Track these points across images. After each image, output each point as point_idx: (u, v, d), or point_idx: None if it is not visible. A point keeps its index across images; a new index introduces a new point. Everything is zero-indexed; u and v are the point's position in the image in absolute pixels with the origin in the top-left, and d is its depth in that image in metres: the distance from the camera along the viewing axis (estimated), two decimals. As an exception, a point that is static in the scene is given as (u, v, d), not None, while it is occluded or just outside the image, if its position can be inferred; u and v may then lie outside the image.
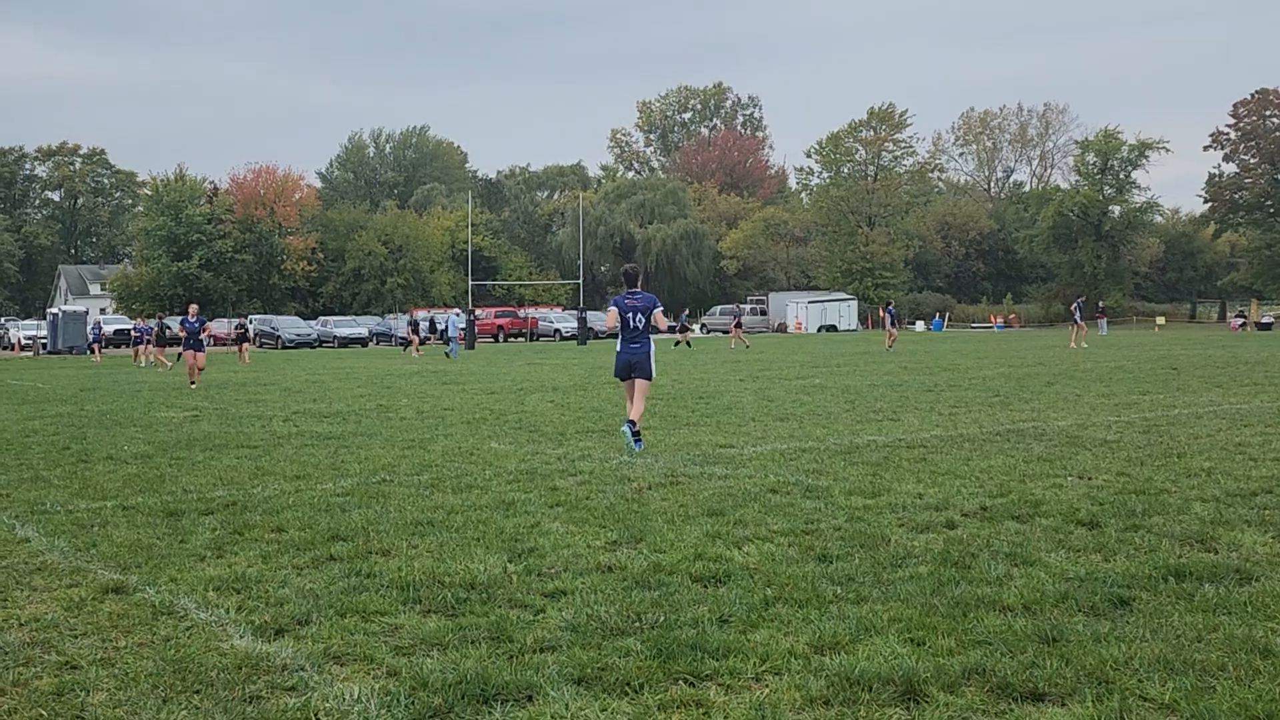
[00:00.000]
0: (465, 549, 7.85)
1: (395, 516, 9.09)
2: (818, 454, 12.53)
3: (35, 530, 8.79)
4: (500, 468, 11.91)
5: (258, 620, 6.13)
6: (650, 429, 15.39)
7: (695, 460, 12.23)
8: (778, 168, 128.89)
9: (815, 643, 5.61)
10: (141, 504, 9.94)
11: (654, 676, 5.19)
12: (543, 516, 9.06)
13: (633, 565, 7.26)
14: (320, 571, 7.27)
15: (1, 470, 12.42)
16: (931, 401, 19.06)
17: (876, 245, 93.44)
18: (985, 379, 24.73)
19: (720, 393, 21.96)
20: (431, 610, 6.35)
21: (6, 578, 7.24)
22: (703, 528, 8.43)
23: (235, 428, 16.71)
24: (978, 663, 5.24)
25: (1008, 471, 10.93)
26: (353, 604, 6.42)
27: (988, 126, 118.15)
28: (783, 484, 10.41)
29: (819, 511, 9.00)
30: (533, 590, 6.71)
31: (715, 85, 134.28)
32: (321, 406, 20.47)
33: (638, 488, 10.35)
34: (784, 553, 7.55)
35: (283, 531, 8.57)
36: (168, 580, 7.07)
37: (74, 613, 6.39)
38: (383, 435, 15.30)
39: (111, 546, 8.11)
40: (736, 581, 6.80)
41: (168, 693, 5.07)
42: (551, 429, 15.76)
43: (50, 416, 19.38)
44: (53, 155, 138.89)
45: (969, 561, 7.17)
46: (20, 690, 5.14)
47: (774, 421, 16.22)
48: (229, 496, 10.26)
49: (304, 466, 12.25)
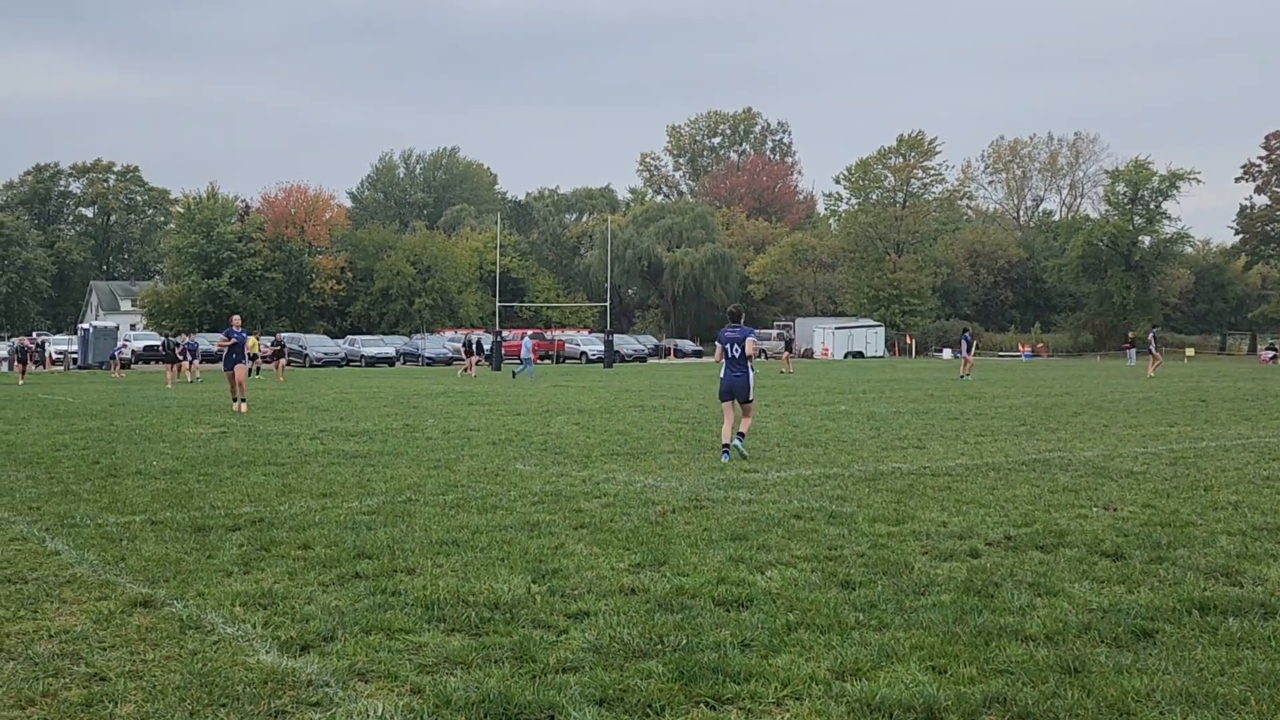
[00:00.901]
0: (489, 569, 7.90)
1: (420, 535, 9.15)
2: (842, 480, 12.53)
3: (65, 543, 8.89)
4: (525, 489, 11.96)
5: (283, 636, 6.20)
6: (675, 453, 15.43)
7: (719, 485, 12.25)
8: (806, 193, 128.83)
9: (837, 668, 5.63)
10: (170, 519, 10.04)
11: (675, 699, 5.22)
12: (567, 538, 9.10)
13: (656, 588, 7.29)
14: (346, 589, 7.33)
15: (32, 484, 12.57)
16: (957, 430, 19.02)
17: (904, 272, 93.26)
18: (1012, 408, 24.65)
19: (745, 417, 21.95)
20: (455, 629, 6.39)
21: (37, 590, 7.34)
22: (726, 552, 8.45)
23: (263, 445, 16.83)
24: (999, 691, 5.25)
25: (1033, 501, 10.91)
26: (377, 621, 6.48)
27: (1018, 155, 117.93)
28: (806, 509, 10.42)
29: (842, 538, 9.01)
30: (556, 611, 6.75)
31: (745, 110, 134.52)
32: (348, 425, 20.59)
33: (661, 511, 10.38)
34: (807, 578, 7.56)
35: (309, 549, 8.64)
36: (195, 595, 7.15)
37: (103, 625, 6.46)
38: (409, 455, 15.38)
39: (140, 560, 8.20)
40: (759, 606, 6.82)
41: (194, 706, 5.14)
42: (577, 451, 15.81)
43: (80, 431, 19.56)
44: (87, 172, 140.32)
45: (992, 590, 7.17)
46: (50, 701, 5.22)
47: (799, 447, 16.23)
48: (256, 513, 10.35)
49: (330, 484, 12.34)
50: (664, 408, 25.21)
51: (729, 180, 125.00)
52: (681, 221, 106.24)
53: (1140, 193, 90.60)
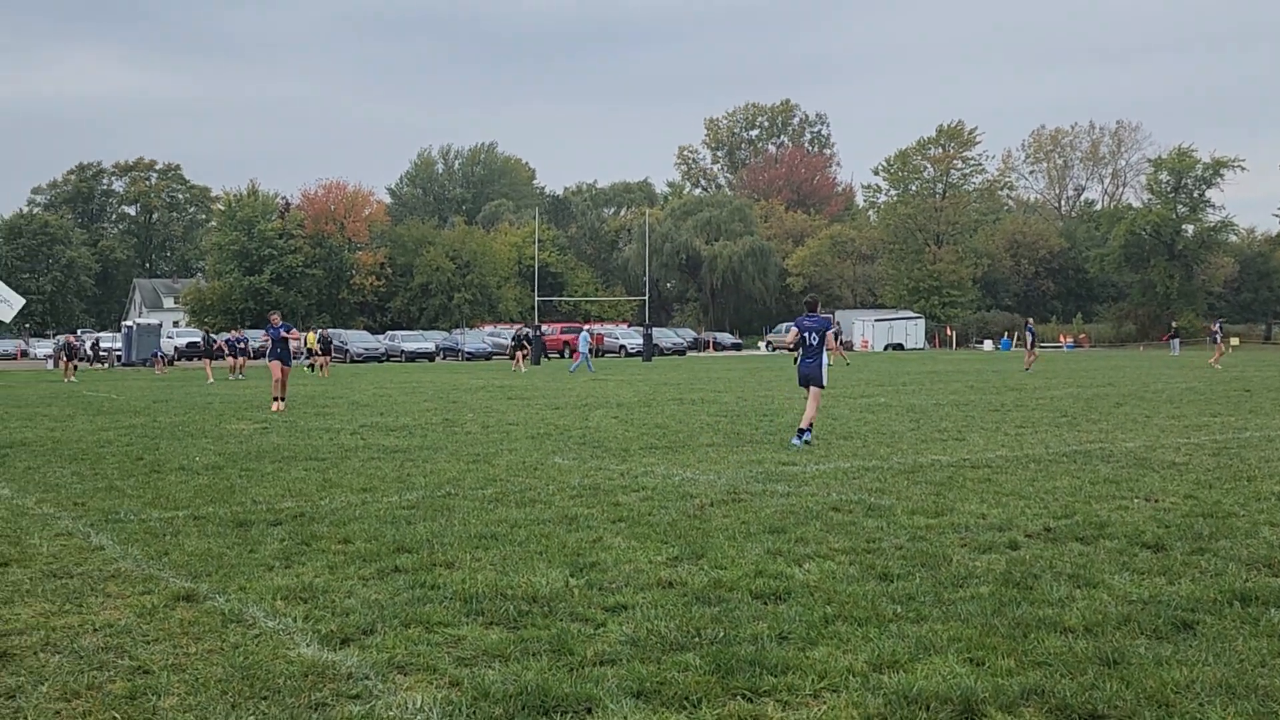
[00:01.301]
0: (528, 562, 7.94)
1: (459, 529, 9.21)
2: (881, 473, 12.50)
3: (110, 538, 9.02)
4: (564, 483, 12.01)
5: (324, 629, 6.26)
6: (714, 446, 15.44)
7: (758, 478, 12.25)
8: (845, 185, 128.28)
9: (874, 661, 5.63)
10: (212, 514, 10.16)
11: (712, 691, 5.23)
12: (605, 531, 9.13)
13: (693, 581, 7.30)
14: (385, 582, 7.39)
15: (77, 479, 12.74)
16: (997, 421, 18.91)
17: (944, 263, 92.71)
18: (1053, 399, 24.47)
19: (784, 410, 21.93)
20: (494, 622, 6.44)
21: (82, 584, 7.44)
22: (764, 545, 8.45)
23: (304, 440, 16.97)
24: (1037, 683, 5.23)
25: (1073, 493, 10.84)
26: (417, 615, 6.53)
27: (1059, 144, 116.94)
28: (845, 502, 10.41)
29: (881, 530, 9.00)
30: (594, 604, 6.78)
31: (783, 102, 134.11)
32: (388, 420, 20.73)
33: (699, 504, 10.40)
34: (844, 571, 7.56)
35: (349, 543, 8.72)
36: (237, 589, 7.23)
37: (146, 619, 6.55)
38: (448, 449, 15.47)
39: (183, 555, 8.31)
40: (796, 599, 6.82)
41: (236, 698, 5.20)
42: (615, 445, 15.84)
43: (124, 428, 19.80)
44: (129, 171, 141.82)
45: (1031, 582, 7.13)
46: (94, 694, 5.30)
47: (837, 440, 16.19)
48: (297, 508, 10.44)
49: (371, 479, 12.43)
50: (703, 401, 25.21)
51: (767, 173, 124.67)
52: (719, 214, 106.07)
53: (1183, 181, 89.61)
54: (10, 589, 7.31)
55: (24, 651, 5.95)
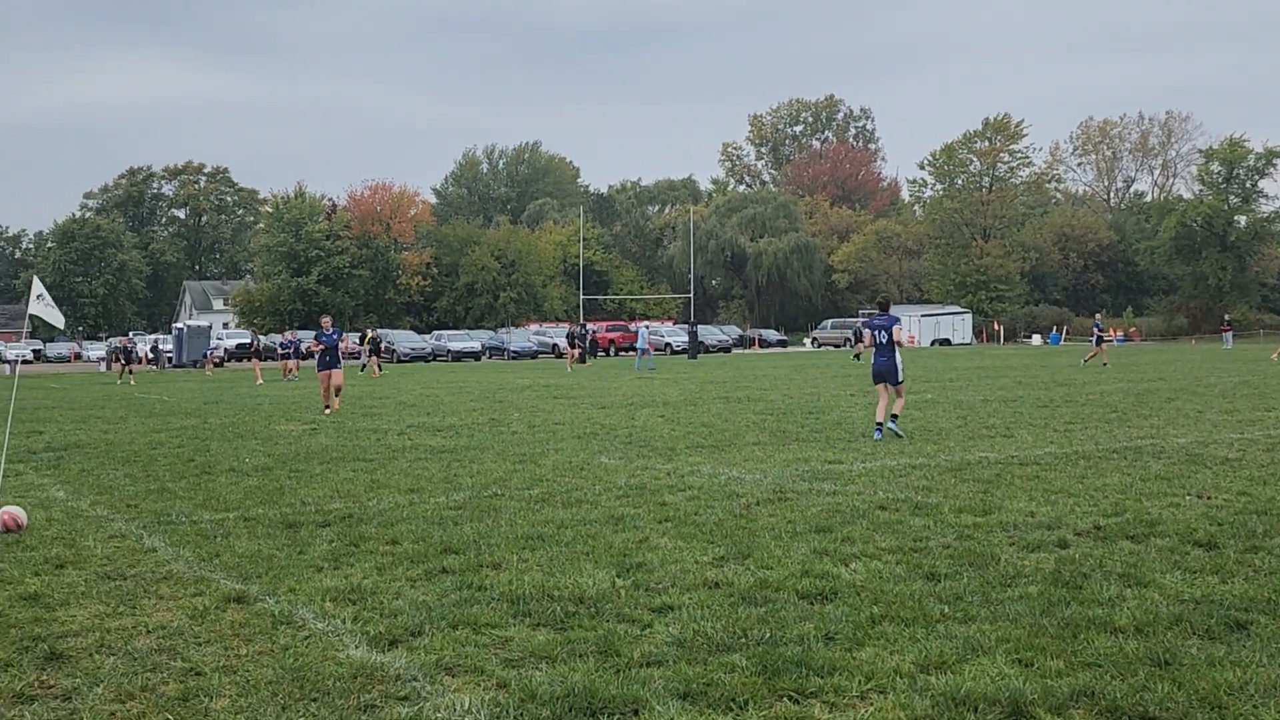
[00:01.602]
0: (574, 563, 7.96)
1: (506, 530, 9.25)
2: (928, 470, 12.43)
3: (162, 540, 9.13)
4: (610, 482, 12.03)
5: (372, 631, 6.31)
6: (760, 444, 15.42)
7: (804, 476, 12.22)
8: (890, 180, 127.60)
9: (921, 662, 5.60)
10: (262, 515, 10.26)
11: (759, 693, 5.23)
12: (651, 531, 9.14)
13: (739, 581, 7.30)
14: (433, 584, 7.44)
15: (130, 481, 12.91)
16: (1046, 417, 18.74)
17: (991, 258, 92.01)
18: (1103, 394, 24.23)
19: (830, 408, 21.87)
20: (541, 623, 6.46)
21: (135, 586, 7.55)
22: (810, 544, 8.43)
23: (351, 441, 17.11)
24: (1087, 685, 5.19)
25: (1123, 490, 10.73)
26: (464, 616, 6.57)
27: (1107, 136, 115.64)
28: (892, 501, 10.36)
29: (928, 529, 8.95)
30: (640, 605, 6.80)
31: (827, 98, 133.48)
32: (435, 420, 20.85)
33: (746, 503, 10.39)
34: (891, 570, 7.53)
35: (397, 544, 8.78)
36: (287, 590, 7.30)
37: (198, 621, 6.63)
38: (495, 449, 15.54)
39: (233, 557, 8.40)
40: (843, 599, 6.80)
41: (286, 700, 5.26)
42: (661, 444, 15.85)
43: (175, 429, 20.04)
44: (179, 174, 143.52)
45: (1080, 582, 7.07)
46: (148, 695, 5.37)
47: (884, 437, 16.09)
48: (345, 509, 10.53)
49: (418, 480, 12.51)
50: (748, 399, 25.17)
51: (812, 168, 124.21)
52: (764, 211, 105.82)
53: (1235, 171, 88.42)
54: (66, 591, 7.42)
55: (80, 653, 6.05)
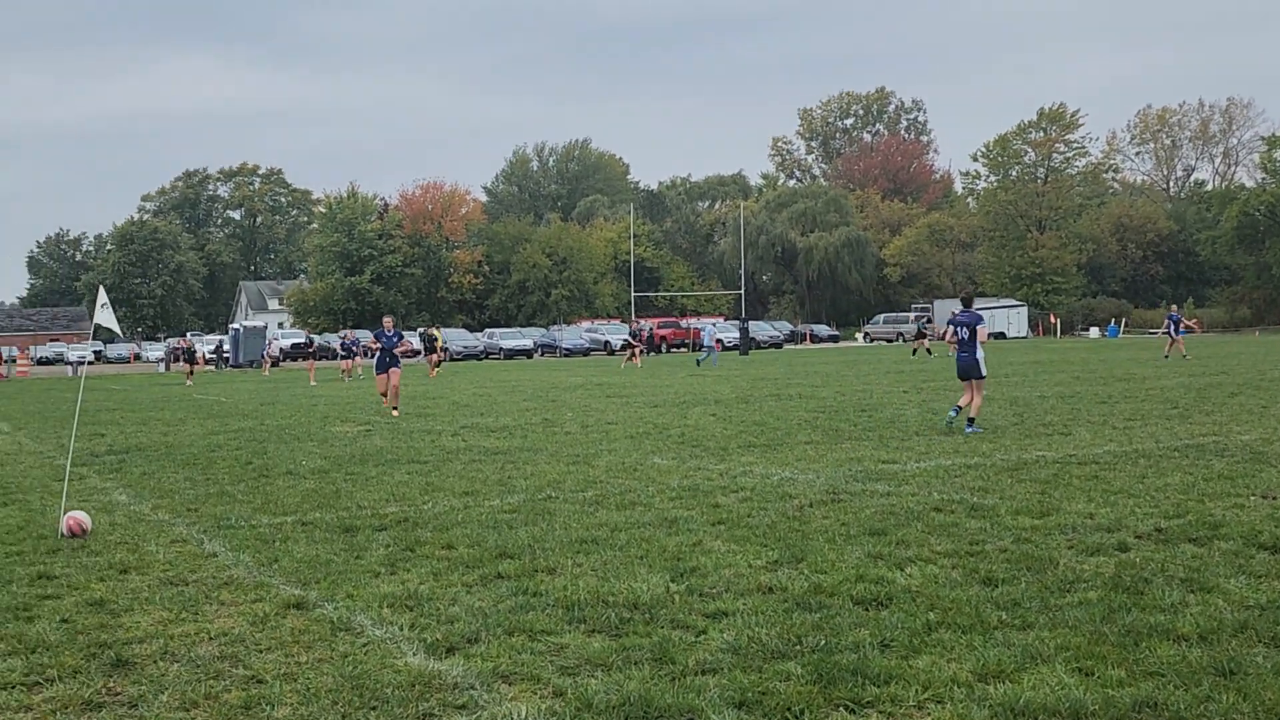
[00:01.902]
0: (629, 568, 7.99)
1: (560, 534, 9.29)
2: (983, 470, 12.34)
3: (222, 545, 9.26)
4: (663, 484, 12.04)
5: (430, 638, 6.36)
6: (812, 444, 15.37)
7: (857, 477, 12.17)
8: (942, 172, 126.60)
9: (979, 670, 5.57)
10: (319, 520, 10.37)
11: (815, 702, 5.22)
12: (704, 534, 9.15)
13: (794, 586, 7.29)
14: (488, 589, 7.49)
15: (190, 485, 13.09)
16: (1105, 414, 18.53)
17: (1047, 250, 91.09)
18: (1163, 389, 23.91)
19: (883, 405, 21.76)
20: (596, 630, 6.49)
21: (197, 592, 7.66)
22: (864, 548, 8.40)
23: (406, 442, 17.24)
24: (1149, 695, 5.14)
25: (1185, 490, 10.60)
26: (520, 623, 6.61)
27: (1166, 124, 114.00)
28: (947, 502, 10.30)
29: (984, 532, 8.88)
30: (694, 611, 6.80)
31: (877, 90, 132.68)
32: (489, 421, 20.96)
33: (799, 505, 10.37)
34: (947, 575, 7.48)
35: (452, 548, 8.85)
36: (345, 596, 7.38)
37: (259, 627, 6.72)
38: (548, 450, 15.60)
39: (292, 562, 8.50)
40: (899, 605, 6.77)
41: (346, 709, 5.32)
42: (714, 444, 15.84)
43: (233, 431, 20.29)
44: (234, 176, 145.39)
45: (1142, 587, 7.00)
46: (212, 703, 5.45)
47: (939, 436, 16.01)
48: (401, 513, 10.62)
49: (472, 482, 12.60)
50: (800, 396, 25.09)
51: (862, 162, 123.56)
52: (815, 205, 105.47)
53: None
54: (130, 596, 7.54)
55: (145, 660, 6.15)
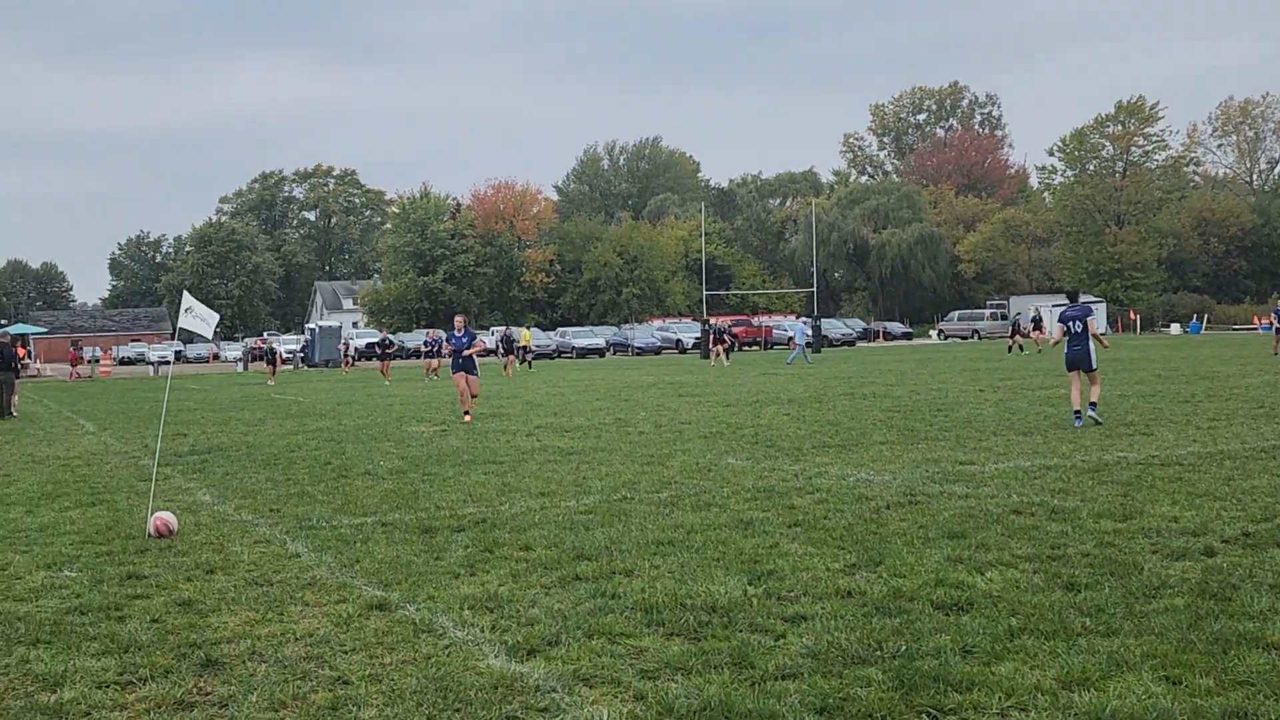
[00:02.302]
0: (706, 570, 8.01)
1: (637, 535, 9.34)
2: (1064, 472, 12.20)
3: (304, 546, 9.41)
4: (738, 485, 12.05)
5: (510, 640, 6.43)
6: (888, 444, 15.29)
7: (934, 478, 12.08)
8: (1017, 167, 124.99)
9: (1063, 678, 5.52)
10: (398, 520, 10.51)
11: (896, 709, 5.21)
12: (781, 537, 9.14)
13: (872, 590, 7.27)
14: (567, 591, 7.55)
15: (271, 485, 13.32)
16: (1188, 413, 18.21)
17: (1125, 245, 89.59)
18: (1248, 388, 23.44)
19: (959, 404, 21.56)
20: (674, 633, 6.52)
21: (281, 592, 7.80)
22: (943, 551, 8.35)
23: (481, 443, 17.38)
24: (1239, 705, 5.06)
25: (1273, 493, 10.40)
26: (599, 625, 6.66)
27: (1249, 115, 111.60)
28: (1027, 504, 10.19)
29: (1066, 535, 8.79)
30: (773, 614, 6.81)
31: (951, 85, 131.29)
32: (563, 421, 21.07)
33: (875, 507, 10.32)
34: (1029, 580, 7.42)
35: (530, 550, 8.93)
36: (426, 598, 7.47)
37: (343, 628, 6.83)
38: (622, 450, 15.66)
39: (373, 563, 8.62)
40: (979, 610, 6.73)
41: (431, 711, 5.39)
42: (788, 443, 15.81)
43: (312, 431, 20.58)
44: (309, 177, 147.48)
45: (1229, 593, 6.89)
46: (300, 704, 5.55)
47: (1017, 436, 15.84)
48: (479, 514, 10.73)
49: (548, 483, 12.69)
50: (874, 395, 24.94)
51: (935, 157, 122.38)
52: (887, 202, 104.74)
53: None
54: (217, 597, 7.70)
55: (233, 660, 6.28)
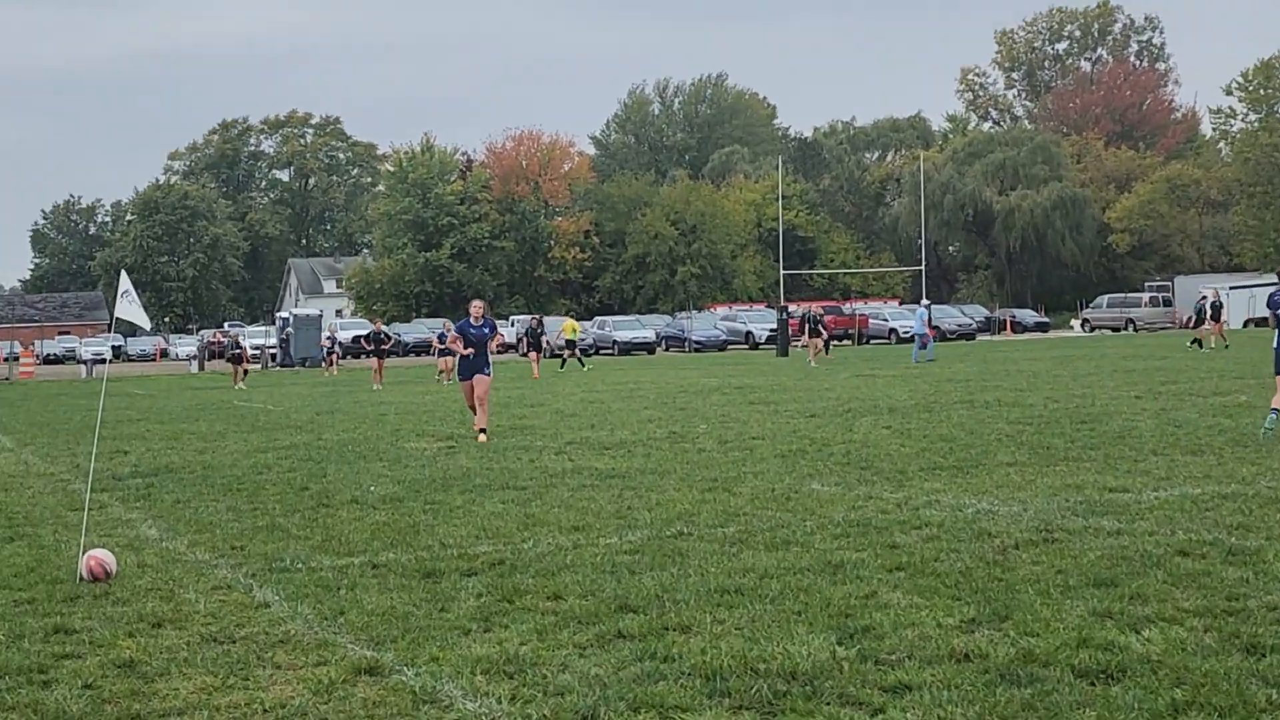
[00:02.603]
0: (783, 625, 8.01)
1: (695, 581, 9.35)
2: (1244, 501, 12.11)
3: (275, 593, 9.50)
4: (824, 517, 12.05)
5: (535, 714, 6.47)
6: (1017, 465, 15.24)
7: (1076, 509, 12.03)
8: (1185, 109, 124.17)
9: (1242, 767, 5.50)
10: (393, 561, 10.59)
11: (1027, 804, 5.20)
12: (879, 584, 9.14)
13: (996, 652, 7.25)
14: (607, 652, 7.58)
15: (234, 516, 13.45)
16: (1404, 427, 18.02)
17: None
18: None
19: (1108, 415, 21.43)
20: (743, 705, 6.53)
21: (246, 651, 7.88)
22: (1088, 603, 8.32)
23: (499, 462, 17.47)
24: None
25: None
26: (647, 695, 6.68)
27: None
28: (1196, 543, 10.13)
29: (1246, 584, 8.73)
30: (869, 683, 6.81)
31: (1100, 5, 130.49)
32: (601, 435, 21.13)
33: (1001, 546, 10.30)
34: (1198, 640, 7.38)
35: (560, 599, 8.97)
36: (428, 659, 7.53)
37: (323, 697, 6.89)
38: (677, 473, 15.69)
39: (362, 615, 8.69)
40: (1134, 678, 6.70)
41: (434, 802, 5.44)
42: (888, 465, 15.79)
43: (284, 448, 20.77)
44: (281, 127, 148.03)
45: None
46: (269, 792, 5.62)
47: (1182, 455, 15.74)
48: (495, 553, 10.79)
49: (583, 515, 12.74)
50: (999, 403, 24.84)
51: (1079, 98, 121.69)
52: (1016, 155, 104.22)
53: None
54: (166, 657, 7.79)
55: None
